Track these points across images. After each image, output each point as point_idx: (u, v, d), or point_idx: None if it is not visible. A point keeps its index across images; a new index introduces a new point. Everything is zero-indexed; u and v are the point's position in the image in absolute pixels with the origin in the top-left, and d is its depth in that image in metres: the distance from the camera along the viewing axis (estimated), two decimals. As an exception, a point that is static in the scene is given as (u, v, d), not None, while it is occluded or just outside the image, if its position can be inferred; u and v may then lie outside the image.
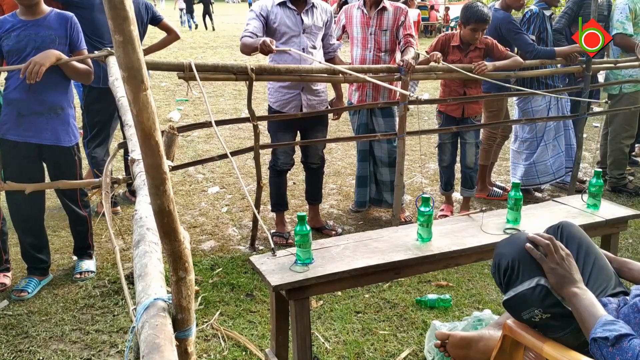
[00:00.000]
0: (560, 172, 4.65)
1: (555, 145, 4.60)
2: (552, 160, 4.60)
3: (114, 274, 3.42)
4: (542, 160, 4.60)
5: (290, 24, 3.58)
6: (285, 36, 3.59)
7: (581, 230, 2.08)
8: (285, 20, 3.57)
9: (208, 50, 15.30)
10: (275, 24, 3.56)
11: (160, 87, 9.55)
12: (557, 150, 4.60)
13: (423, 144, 6.33)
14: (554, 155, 4.59)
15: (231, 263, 3.57)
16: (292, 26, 3.59)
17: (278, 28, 3.57)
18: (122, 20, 0.76)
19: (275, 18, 3.56)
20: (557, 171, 4.63)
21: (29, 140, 3.11)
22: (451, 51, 4.02)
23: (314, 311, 3.01)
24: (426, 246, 2.50)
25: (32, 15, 3.05)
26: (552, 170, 4.61)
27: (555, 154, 4.60)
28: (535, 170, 4.62)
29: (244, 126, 6.40)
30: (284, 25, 3.57)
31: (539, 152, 4.59)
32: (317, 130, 3.89)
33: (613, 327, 1.53)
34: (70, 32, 3.10)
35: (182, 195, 4.77)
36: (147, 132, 0.84)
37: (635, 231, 4.08)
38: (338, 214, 4.45)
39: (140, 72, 0.81)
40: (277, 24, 3.56)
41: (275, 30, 3.58)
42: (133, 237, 1.34)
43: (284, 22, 3.57)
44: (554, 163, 4.60)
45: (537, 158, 4.60)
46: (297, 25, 3.59)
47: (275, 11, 3.56)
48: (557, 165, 4.62)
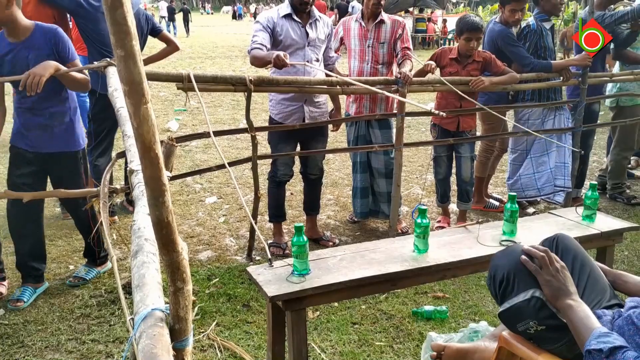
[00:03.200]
0: (546, 190, 4.55)
1: (543, 161, 4.52)
2: (537, 175, 4.54)
3: (110, 283, 3.42)
4: (527, 173, 4.57)
5: (296, 36, 3.61)
6: (291, 48, 3.61)
7: (576, 242, 2.09)
8: (291, 32, 3.59)
9: (207, 60, 15.37)
10: (281, 36, 3.58)
11: (159, 97, 9.58)
12: (545, 166, 4.52)
13: (420, 155, 6.36)
14: (541, 171, 4.52)
15: (228, 273, 3.57)
16: (297, 39, 3.61)
17: (284, 40, 3.59)
18: (124, 35, 0.78)
19: (281, 30, 3.58)
20: (543, 187, 4.54)
21: (37, 150, 3.17)
22: (449, 63, 4.06)
23: (311, 322, 3.01)
24: (423, 257, 2.51)
25: (17, 36, 3.04)
26: (537, 186, 4.54)
27: (543, 169, 4.53)
28: (520, 183, 4.61)
29: (242, 136, 6.42)
30: (289, 37, 3.59)
31: (524, 165, 4.59)
32: (317, 141, 3.91)
33: (607, 339, 1.54)
34: (56, 48, 3.08)
35: (180, 205, 4.78)
36: (147, 145, 0.86)
37: (631, 244, 4.10)
38: (335, 225, 4.46)
39: (141, 85, 0.82)
40: (283, 36, 3.58)
41: (280, 43, 3.59)
42: (131, 248, 1.35)
43: (289, 34, 3.59)
44: (540, 178, 4.53)
45: (522, 171, 4.60)
46: (302, 38, 3.62)
47: (281, 23, 3.59)
48: (542, 181, 4.53)
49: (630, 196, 5.00)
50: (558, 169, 4.54)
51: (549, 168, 4.51)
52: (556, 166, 4.54)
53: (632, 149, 5.09)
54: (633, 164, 6.05)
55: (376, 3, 3.91)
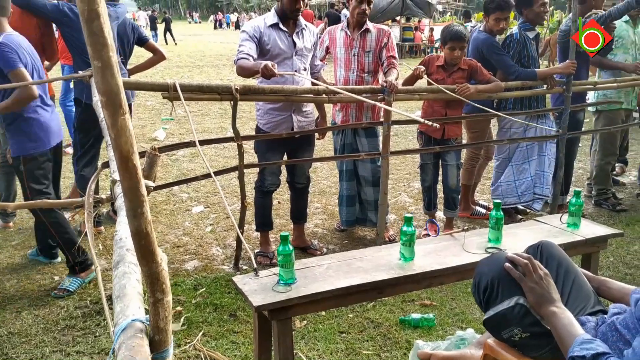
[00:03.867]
0: (526, 197, 4.57)
1: (524, 168, 4.55)
2: (518, 183, 4.56)
3: (95, 294, 3.39)
4: (507, 180, 4.60)
5: (283, 46, 3.60)
6: (279, 58, 3.60)
7: (561, 249, 2.11)
8: (278, 42, 3.59)
9: (194, 69, 15.35)
10: (268, 46, 3.58)
11: (146, 105, 9.55)
12: (526, 174, 4.55)
13: (407, 163, 6.39)
14: (521, 179, 4.55)
15: (215, 283, 3.55)
16: (284, 48, 3.61)
17: (271, 50, 3.58)
18: (101, 46, 0.78)
19: (269, 39, 3.57)
20: (523, 195, 4.57)
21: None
22: (435, 71, 4.08)
23: (298, 331, 3.00)
24: (409, 265, 2.51)
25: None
26: (518, 193, 4.57)
27: (523, 177, 4.55)
28: (500, 190, 4.64)
29: (230, 145, 6.41)
30: (277, 47, 3.59)
31: (505, 172, 4.62)
32: (305, 150, 3.91)
33: (590, 346, 1.55)
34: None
35: (166, 215, 4.76)
36: (125, 156, 0.86)
37: (616, 250, 4.13)
38: (323, 233, 4.46)
39: (118, 96, 0.82)
40: (270, 45, 3.58)
41: (268, 52, 3.58)
42: (113, 258, 1.34)
43: (277, 44, 3.58)
44: (520, 186, 4.56)
45: (503, 178, 4.63)
46: (289, 48, 3.62)
47: (268, 32, 3.58)
48: (523, 188, 4.56)
49: (615, 203, 5.05)
50: (537, 177, 4.58)
51: (530, 176, 4.55)
52: (536, 174, 4.57)
53: (614, 154, 5.14)
54: (618, 170, 6.11)
55: (361, 12, 3.93)
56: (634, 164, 6.40)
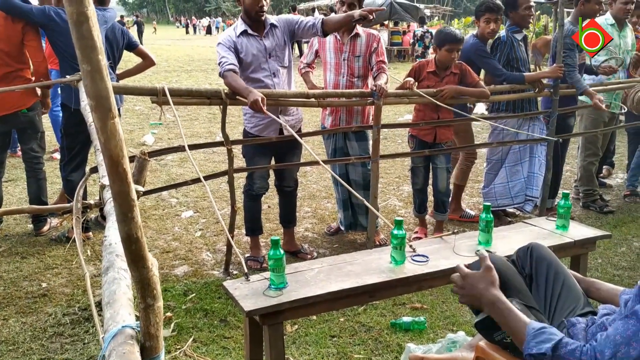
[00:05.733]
0: (519, 199, 4.62)
1: (517, 170, 4.59)
2: (511, 184, 4.60)
3: (84, 300, 3.35)
4: (501, 182, 4.64)
5: (256, 52, 3.56)
6: (254, 64, 3.57)
7: (550, 251, 2.12)
8: (250, 49, 3.55)
9: (183, 73, 15.31)
10: (242, 54, 3.54)
11: (134, 110, 9.51)
12: (519, 175, 4.59)
13: (397, 167, 6.40)
14: (515, 180, 4.59)
15: (205, 288, 3.53)
16: (257, 54, 3.57)
17: (245, 57, 3.55)
18: (90, 50, 0.77)
19: (242, 49, 3.54)
20: (516, 196, 4.61)
21: None
22: (427, 77, 4.09)
23: (289, 336, 2.99)
24: (399, 269, 2.51)
25: None
26: (511, 195, 4.61)
27: (516, 179, 4.59)
28: (494, 192, 4.66)
29: (219, 150, 6.39)
30: (250, 54, 3.55)
31: (499, 174, 4.65)
32: (293, 154, 3.90)
33: (544, 337, 1.56)
34: None
35: (155, 220, 4.73)
36: (114, 160, 0.85)
37: (604, 251, 4.16)
38: (313, 237, 4.45)
39: (108, 100, 0.81)
40: (244, 53, 3.55)
41: (242, 60, 3.56)
42: (102, 264, 1.33)
43: (249, 51, 3.55)
44: (513, 187, 4.59)
45: (497, 180, 4.66)
46: (262, 52, 3.59)
47: (240, 41, 3.55)
48: (516, 190, 4.60)
49: (603, 205, 5.09)
50: (529, 179, 4.62)
51: (522, 177, 4.59)
52: (528, 176, 4.61)
53: (597, 155, 5.17)
54: (605, 173, 6.16)
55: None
56: (621, 166, 6.46)
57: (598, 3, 4.54)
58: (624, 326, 1.44)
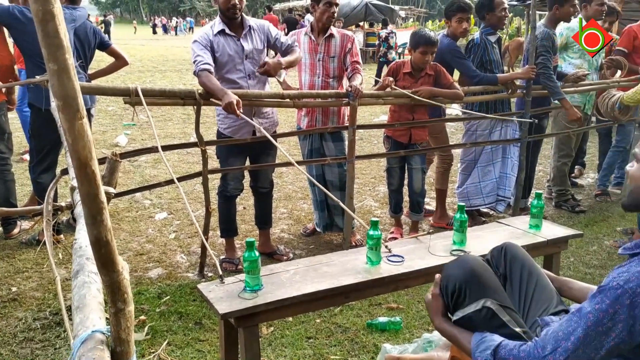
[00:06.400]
0: (490, 198, 4.68)
1: (489, 170, 4.65)
2: (483, 184, 4.65)
3: (55, 305, 3.29)
4: (473, 182, 4.69)
5: (232, 52, 3.54)
6: (229, 64, 3.55)
7: (524, 251, 2.15)
8: (227, 49, 3.53)
9: (157, 73, 15.15)
10: (218, 54, 3.51)
11: (107, 111, 9.37)
12: (491, 175, 4.65)
13: (372, 167, 6.42)
14: (486, 180, 4.65)
15: (179, 291, 3.49)
16: (234, 54, 3.55)
17: (220, 57, 3.52)
18: (57, 49, 0.75)
19: (218, 48, 3.51)
20: (487, 196, 4.67)
21: None
22: (402, 78, 4.11)
23: (265, 338, 2.97)
24: (375, 269, 2.51)
25: None
26: (483, 194, 4.66)
27: (488, 179, 4.65)
28: (466, 192, 4.70)
29: (193, 151, 6.33)
30: (226, 54, 3.52)
31: (472, 174, 4.70)
32: (267, 154, 3.88)
33: (485, 345, 1.64)
34: None
35: (129, 222, 4.66)
36: (83, 161, 0.83)
37: (576, 250, 4.23)
38: (289, 239, 4.43)
39: (75, 100, 0.79)
40: (220, 53, 3.52)
41: (217, 60, 3.53)
42: (72, 267, 1.30)
43: (226, 51, 3.52)
44: (485, 187, 4.65)
45: (470, 180, 4.70)
46: (238, 53, 3.56)
47: (217, 40, 3.52)
48: (487, 190, 4.65)
49: (575, 204, 5.17)
50: (501, 179, 4.67)
51: (494, 177, 4.64)
52: (500, 176, 4.66)
53: (570, 156, 5.26)
54: (576, 173, 6.27)
55: (331, 16, 3.93)
56: (592, 166, 6.58)
57: (572, 6, 4.61)
58: (567, 322, 1.48)
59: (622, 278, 1.43)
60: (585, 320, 1.44)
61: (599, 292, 1.46)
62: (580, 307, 1.49)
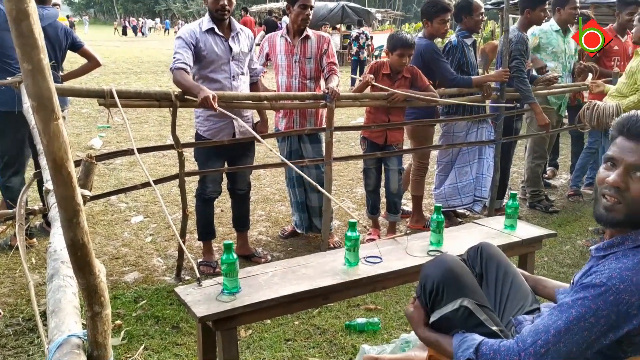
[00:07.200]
0: (467, 199, 4.74)
1: (465, 171, 4.71)
2: (460, 185, 4.71)
3: (29, 310, 3.22)
4: (450, 183, 4.74)
5: (219, 51, 3.54)
6: (215, 64, 3.54)
7: (499, 250, 2.18)
8: (214, 47, 3.53)
9: (132, 75, 14.98)
10: (204, 52, 3.50)
11: (81, 113, 9.24)
12: (467, 176, 4.71)
13: (350, 169, 6.44)
14: (463, 181, 4.70)
15: (156, 295, 3.45)
16: (221, 54, 3.54)
17: (207, 56, 3.51)
18: (31, 48, 0.74)
19: (204, 45, 3.50)
20: (465, 197, 4.73)
21: None
22: (381, 78, 4.13)
23: (243, 341, 2.96)
24: (353, 270, 2.52)
25: None
26: (460, 195, 4.72)
27: (465, 180, 4.71)
28: (444, 193, 4.76)
29: (170, 153, 6.27)
30: (213, 53, 3.52)
31: (449, 175, 4.76)
32: (246, 156, 3.87)
33: (466, 345, 1.66)
34: None
35: (104, 226, 4.60)
36: (58, 163, 0.81)
37: (550, 249, 4.30)
38: (267, 241, 4.42)
39: (50, 101, 0.78)
40: (207, 51, 3.51)
41: (204, 58, 3.52)
42: (47, 271, 1.28)
43: (213, 49, 3.52)
44: (462, 188, 4.71)
45: (447, 181, 4.76)
46: (225, 53, 3.57)
47: (204, 38, 3.51)
48: (465, 190, 4.71)
49: (548, 204, 5.26)
50: (477, 180, 4.73)
51: (471, 178, 4.70)
52: (477, 177, 4.72)
53: (544, 157, 5.35)
54: (549, 173, 6.38)
55: (305, 18, 3.94)
56: (565, 167, 6.70)
57: (543, 10, 4.70)
58: (549, 317, 1.51)
59: (604, 275, 1.45)
60: (568, 315, 1.46)
61: (581, 289, 1.48)
62: (562, 303, 1.52)
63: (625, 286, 1.42)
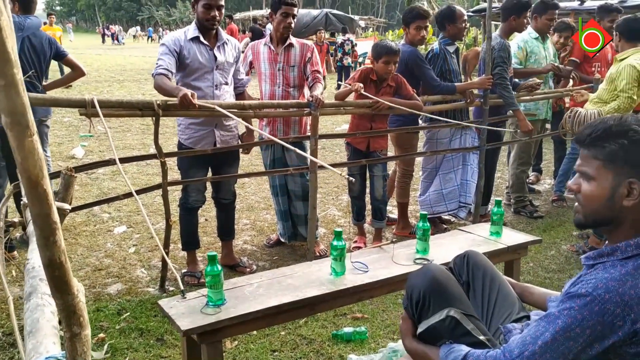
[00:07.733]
0: (452, 205, 4.75)
1: (450, 178, 4.72)
2: (445, 191, 4.72)
3: (9, 325, 3.16)
4: (435, 190, 4.75)
5: (204, 60, 3.52)
6: (198, 72, 3.52)
7: (486, 258, 2.17)
8: (198, 56, 3.50)
9: (114, 84, 14.86)
10: (188, 60, 3.48)
11: (63, 122, 9.13)
12: (452, 182, 4.72)
13: (335, 177, 6.42)
14: (448, 188, 4.71)
15: (140, 307, 3.40)
16: (205, 62, 3.52)
17: (191, 64, 3.49)
18: (4, 63, 0.71)
19: (189, 53, 3.48)
20: (449, 203, 4.74)
21: None
22: (368, 85, 4.12)
23: (229, 352, 2.92)
24: (340, 280, 2.50)
25: None
26: (445, 201, 4.72)
27: (450, 186, 4.72)
28: (429, 200, 4.77)
29: (153, 162, 6.21)
30: (197, 61, 3.50)
31: (434, 182, 4.77)
32: (230, 165, 3.84)
33: (453, 356, 1.66)
34: None
35: (86, 237, 4.53)
36: (33, 180, 0.79)
37: (535, 255, 4.31)
38: (252, 250, 4.39)
39: (25, 117, 0.75)
40: (190, 59, 3.48)
41: (187, 66, 3.49)
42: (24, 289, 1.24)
43: (197, 58, 3.50)
44: (447, 194, 4.72)
45: (432, 188, 4.76)
46: (210, 62, 3.54)
47: (188, 46, 3.49)
48: (450, 197, 4.72)
49: (533, 210, 5.29)
50: (462, 186, 4.75)
51: (456, 184, 4.71)
52: (461, 183, 4.74)
53: (529, 164, 5.39)
54: (533, 179, 6.42)
55: (287, 26, 3.93)
56: (548, 172, 6.75)
57: (526, 17, 4.75)
58: (536, 327, 1.51)
59: (590, 285, 1.45)
60: (554, 325, 1.46)
61: (567, 299, 1.47)
62: (548, 313, 1.51)
63: (611, 297, 1.41)
